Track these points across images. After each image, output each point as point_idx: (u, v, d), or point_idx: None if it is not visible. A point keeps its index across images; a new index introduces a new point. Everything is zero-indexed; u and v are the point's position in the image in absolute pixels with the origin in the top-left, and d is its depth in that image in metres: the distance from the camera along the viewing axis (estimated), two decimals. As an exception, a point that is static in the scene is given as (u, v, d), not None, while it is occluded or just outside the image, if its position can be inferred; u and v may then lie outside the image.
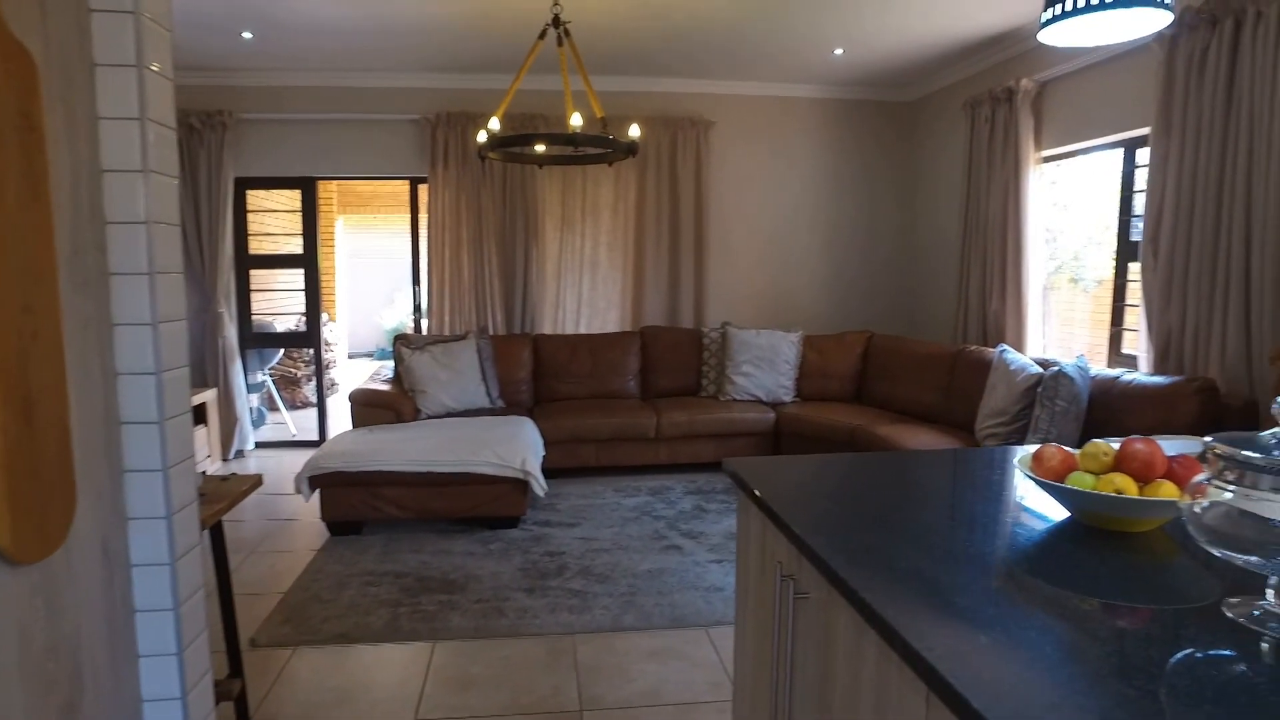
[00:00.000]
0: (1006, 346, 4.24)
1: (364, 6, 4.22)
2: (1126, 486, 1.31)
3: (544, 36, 3.88)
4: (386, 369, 5.52)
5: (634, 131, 4.07)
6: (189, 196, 5.48)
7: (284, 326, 6.79)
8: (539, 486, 4.07)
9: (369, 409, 4.85)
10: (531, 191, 5.74)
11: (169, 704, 1.58)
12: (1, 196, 1.13)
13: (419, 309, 6.11)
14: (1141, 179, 3.98)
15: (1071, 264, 4.81)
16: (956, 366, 4.66)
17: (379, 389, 5.03)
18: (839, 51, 5.07)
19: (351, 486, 4.00)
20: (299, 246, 5.91)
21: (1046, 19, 1.71)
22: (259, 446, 6.12)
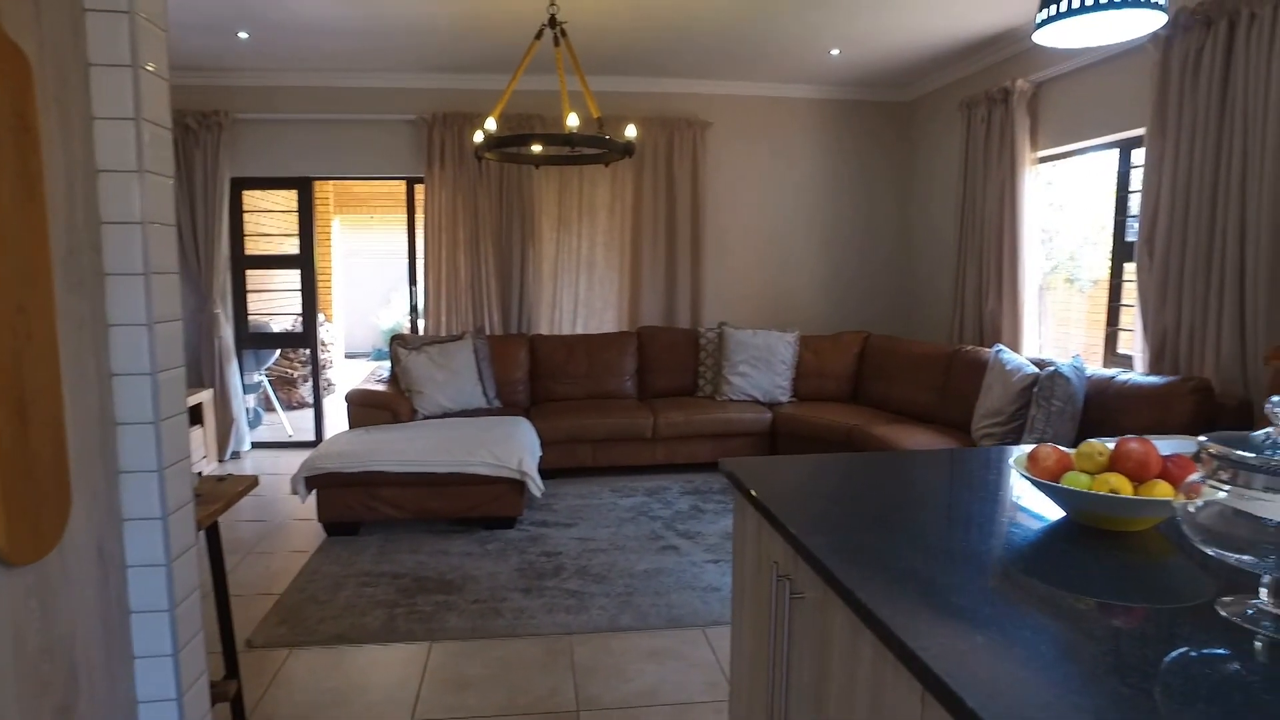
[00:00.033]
0: (1002, 347, 4.24)
1: (360, 6, 4.22)
2: (1121, 486, 1.31)
3: (540, 37, 3.89)
4: (383, 369, 5.52)
5: (630, 132, 4.07)
6: (185, 197, 5.47)
7: (280, 327, 6.78)
8: (536, 487, 4.07)
9: (365, 409, 4.85)
10: (528, 192, 5.74)
11: (165, 705, 1.58)
12: (-4, 197, 1.13)
13: (415, 309, 6.11)
14: (1137, 179, 4.00)
15: (1067, 264, 4.82)
16: (953, 366, 4.67)
17: (375, 389, 5.03)
18: (835, 52, 5.08)
19: (348, 487, 4.00)
20: (295, 247, 5.90)
21: (1041, 19, 1.71)
22: (255, 447, 6.12)
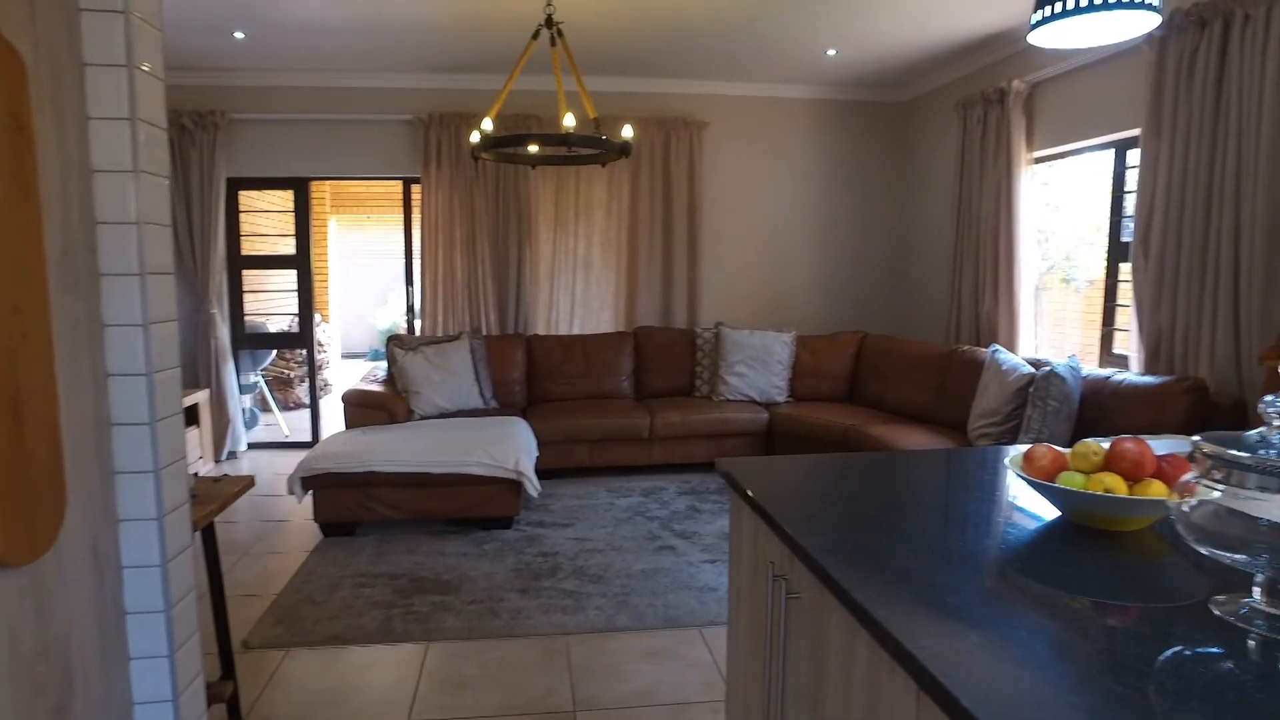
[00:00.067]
0: (999, 347, 4.25)
1: (356, 6, 4.22)
2: (1116, 486, 1.31)
3: (537, 37, 3.89)
4: (380, 370, 5.51)
5: (627, 132, 4.08)
6: (181, 197, 5.46)
7: (277, 327, 6.77)
8: (532, 487, 4.07)
9: (362, 410, 4.84)
10: (525, 192, 5.73)
11: (160, 706, 1.57)
12: (-10, 197, 1.13)
13: (412, 309, 6.10)
14: (1132, 180, 4.00)
15: (1063, 264, 4.83)
16: (949, 367, 4.68)
17: (372, 390, 5.02)
18: (832, 52, 5.09)
19: (345, 487, 3.99)
20: (292, 247, 5.89)
21: (1036, 20, 1.72)
22: (252, 448, 6.10)
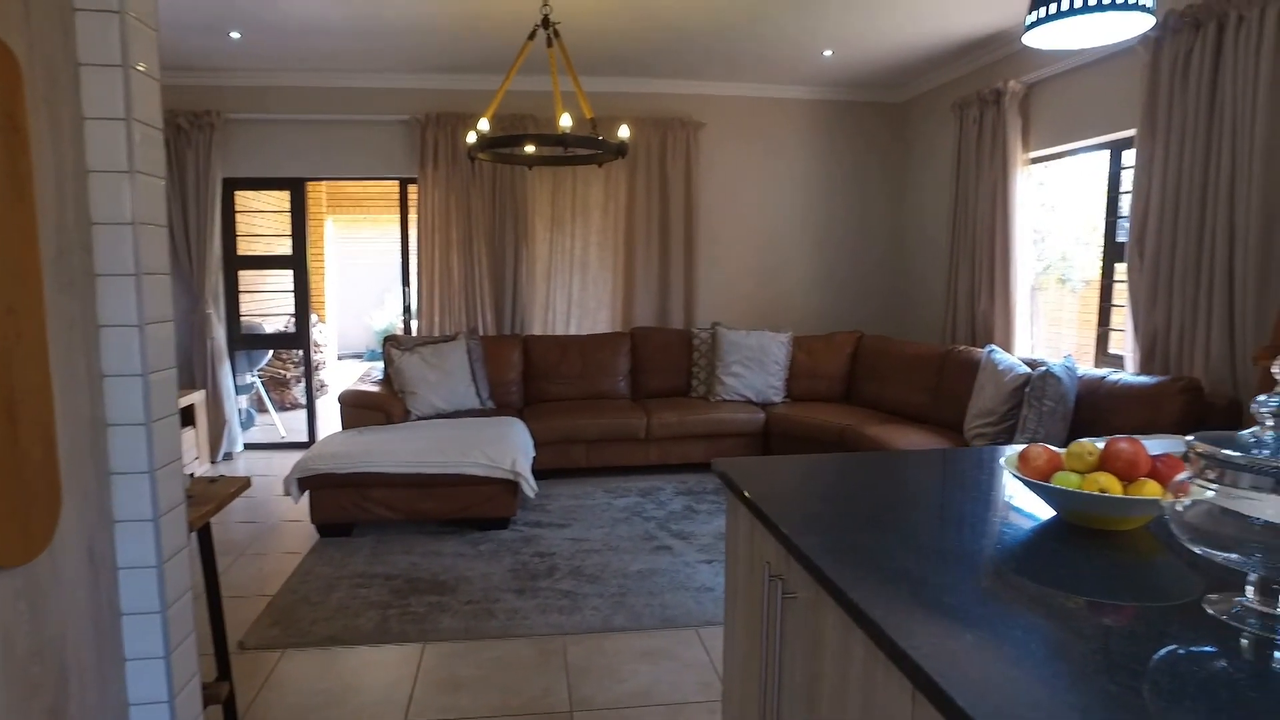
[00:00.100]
0: (995, 347, 4.26)
1: (352, 6, 4.21)
2: (1110, 485, 1.32)
3: (533, 37, 3.89)
4: (376, 370, 5.51)
5: (623, 132, 4.08)
6: (176, 197, 5.45)
7: (273, 328, 6.76)
8: (529, 487, 4.07)
9: (358, 410, 4.83)
10: (521, 192, 5.73)
11: (156, 707, 1.57)
12: (-15, 197, 1.12)
13: (408, 310, 6.10)
14: (1128, 180, 4.01)
15: (1059, 264, 4.84)
16: (945, 367, 4.69)
17: (368, 390, 5.02)
18: (828, 53, 5.09)
19: (341, 488, 3.99)
20: (288, 247, 5.88)
21: (1031, 21, 1.72)
22: (248, 448, 6.09)
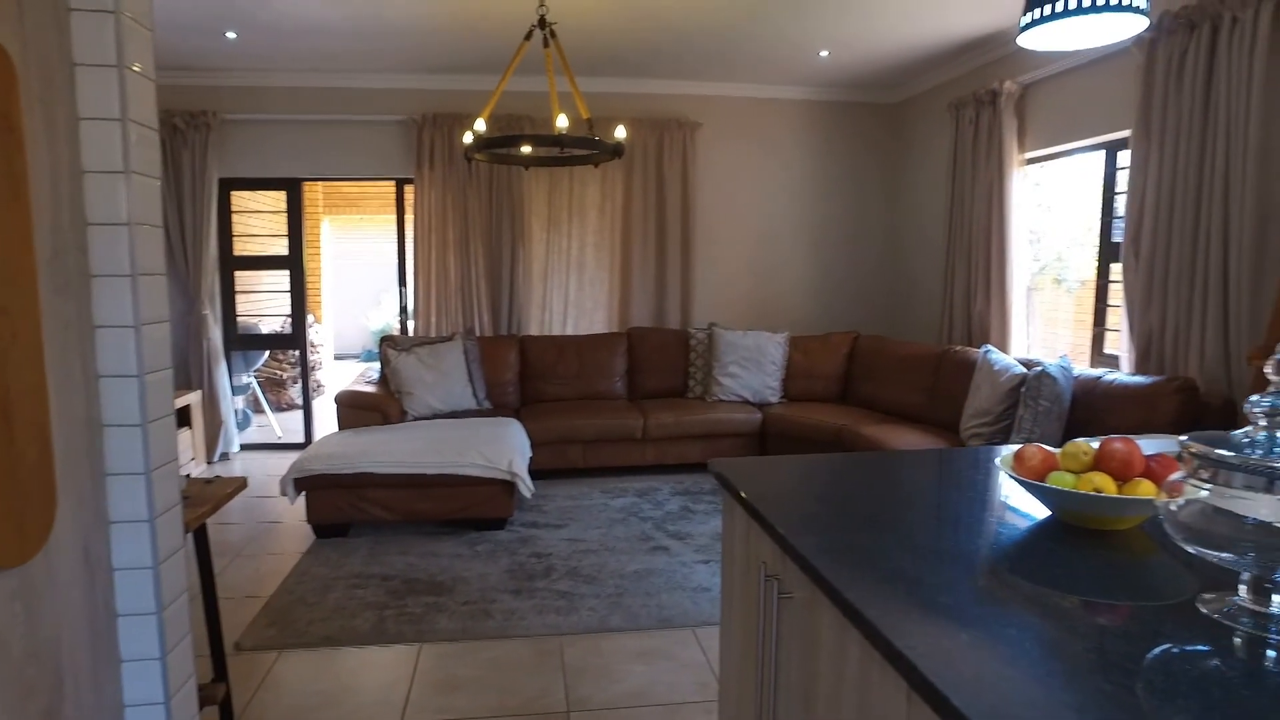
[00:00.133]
0: (991, 347, 4.27)
1: (349, 7, 4.21)
2: (1105, 485, 1.32)
3: (530, 38, 3.89)
4: (373, 371, 5.50)
5: (620, 133, 4.08)
6: (172, 198, 5.44)
7: (269, 328, 6.75)
8: (526, 488, 4.07)
9: (355, 411, 4.83)
10: (518, 193, 5.73)
11: (152, 709, 1.57)
12: (-20, 198, 1.12)
13: (405, 310, 6.09)
14: (1123, 181, 4.03)
15: (1055, 265, 4.85)
16: (941, 367, 4.70)
17: (365, 391, 5.01)
18: (824, 54, 5.10)
19: (337, 489, 3.98)
20: (284, 248, 5.88)
21: (1026, 23, 1.73)
22: (244, 449, 6.08)
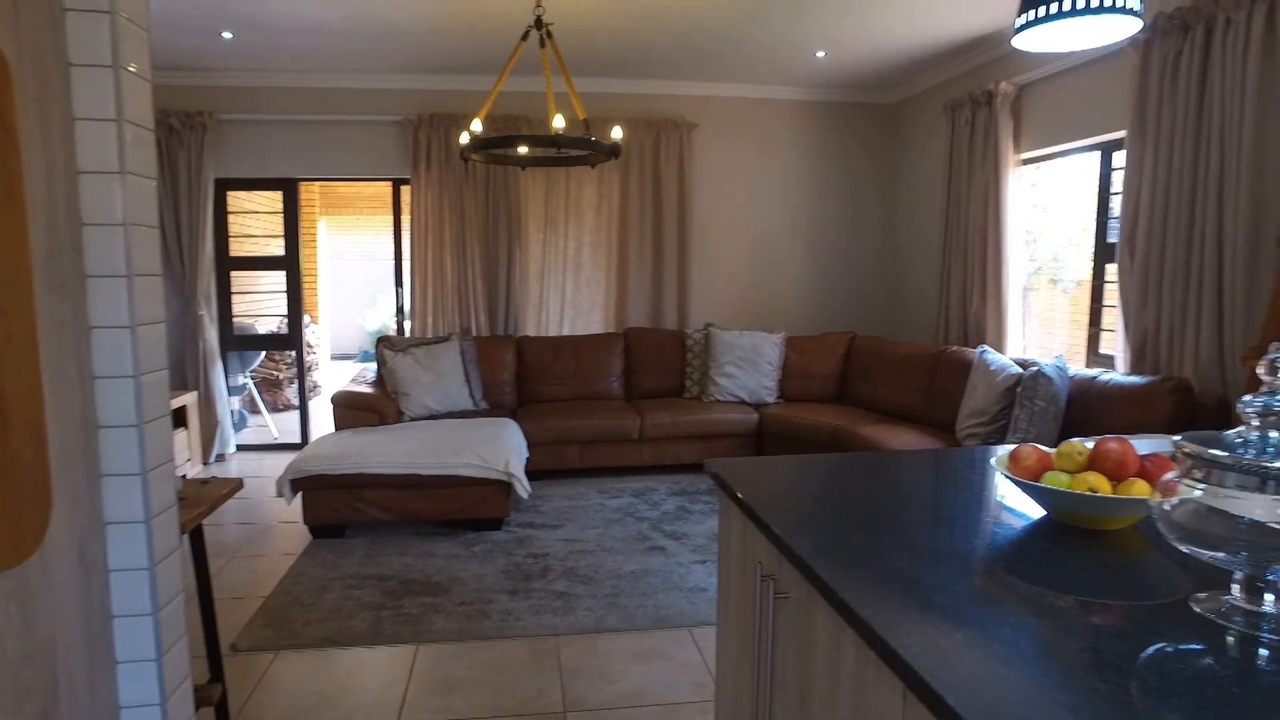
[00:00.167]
0: (987, 347, 4.28)
1: (345, 7, 4.20)
2: (1100, 485, 1.33)
3: (526, 38, 3.89)
4: (369, 371, 5.49)
5: (616, 133, 4.08)
6: (168, 198, 5.43)
7: (266, 329, 6.74)
8: (522, 488, 4.07)
9: (351, 411, 4.82)
10: (514, 193, 5.73)
11: (148, 710, 1.57)
12: (-25, 198, 1.12)
13: (402, 311, 6.09)
14: (1118, 181, 4.04)
15: (1051, 265, 4.86)
16: (937, 367, 4.70)
17: (361, 391, 5.01)
18: (821, 54, 5.11)
19: (334, 489, 3.98)
20: (281, 248, 5.87)
21: (1021, 24, 1.73)
22: (240, 449, 6.08)
